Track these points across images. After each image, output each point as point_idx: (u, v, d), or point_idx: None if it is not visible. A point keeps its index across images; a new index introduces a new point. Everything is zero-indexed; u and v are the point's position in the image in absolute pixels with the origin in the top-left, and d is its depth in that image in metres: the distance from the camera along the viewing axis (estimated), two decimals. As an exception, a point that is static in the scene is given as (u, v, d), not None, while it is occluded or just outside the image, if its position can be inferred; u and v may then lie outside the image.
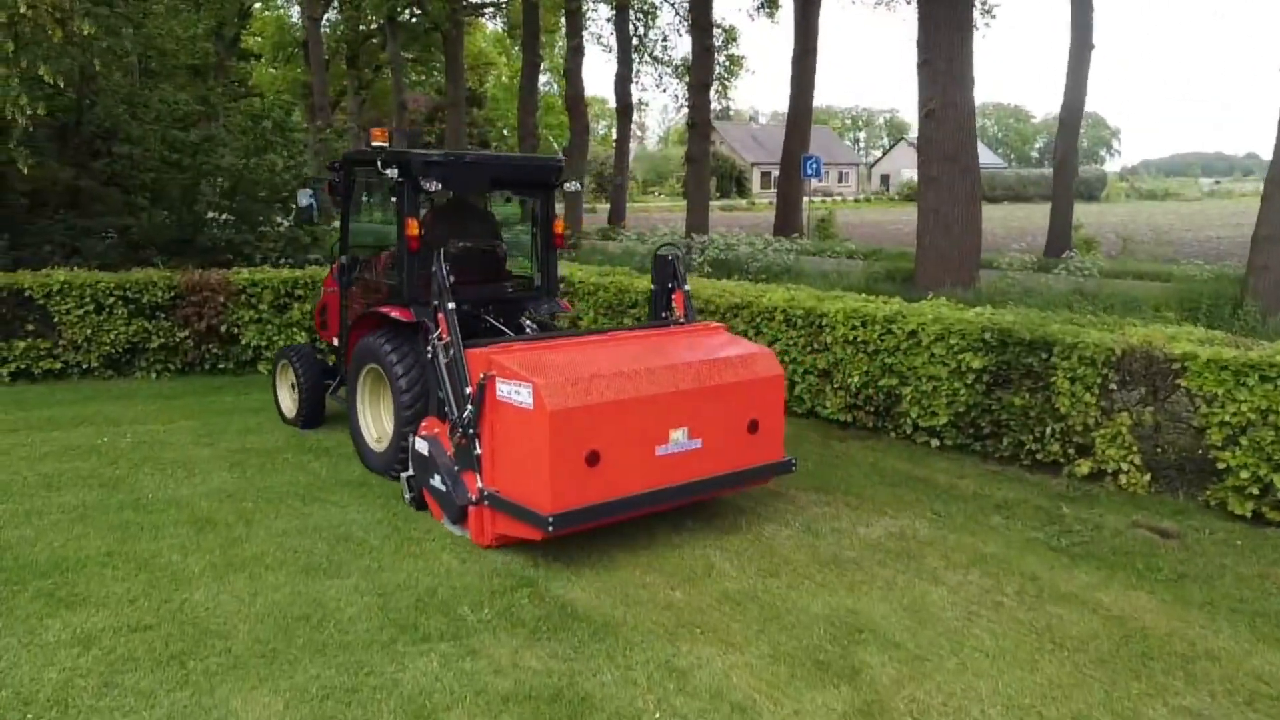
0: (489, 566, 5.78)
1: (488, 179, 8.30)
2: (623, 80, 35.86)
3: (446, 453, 6.28)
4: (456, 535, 6.21)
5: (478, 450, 5.98)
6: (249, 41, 46.69)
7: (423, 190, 7.25)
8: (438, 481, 6.29)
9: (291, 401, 9.10)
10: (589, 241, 26.61)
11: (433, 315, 6.50)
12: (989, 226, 16.26)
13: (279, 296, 11.54)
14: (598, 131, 72.78)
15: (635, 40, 37.64)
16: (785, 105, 31.33)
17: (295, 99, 41.44)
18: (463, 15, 37.27)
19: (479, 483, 5.97)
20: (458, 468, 6.17)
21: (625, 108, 37.76)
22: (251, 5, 41.86)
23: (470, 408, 5.98)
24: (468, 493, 6.03)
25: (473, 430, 5.99)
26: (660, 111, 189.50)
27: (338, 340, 8.85)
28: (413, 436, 6.67)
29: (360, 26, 45.87)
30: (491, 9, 45.21)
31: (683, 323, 7.34)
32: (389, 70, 45.38)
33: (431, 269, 6.57)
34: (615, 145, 42.66)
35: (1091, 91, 24.16)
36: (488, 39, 56.99)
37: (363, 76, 50.79)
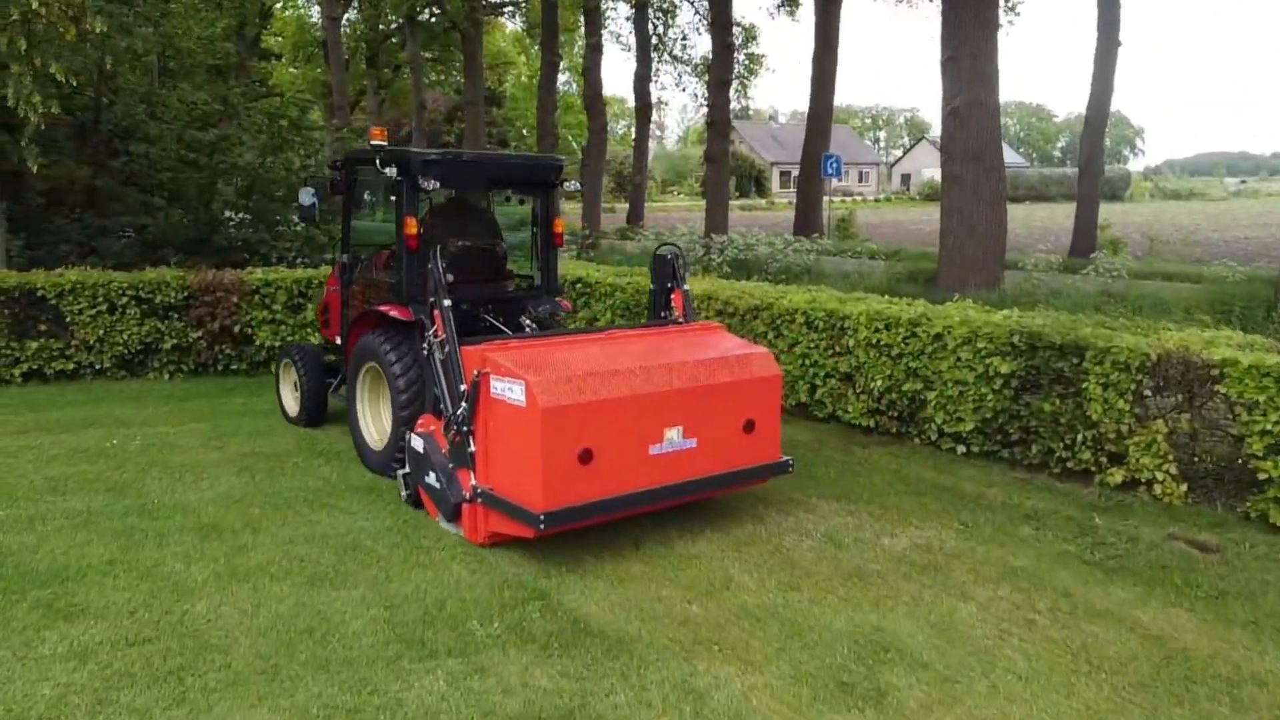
0: (500, 577, 5.59)
1: (486, 178, 8.35)
2: (642, 79, 35.74)
3: (441, 450, 6.26)
4: (469, 544, 6.03)
5: (472, 448, 5.95)
6: (270, 41, 46.81)
7: (421, 189, 7.25)
8: (433, 479, 6.26)
9: (294, 400, 9.12)
10: (607, 241, 26.44)
11: (429, 313, 6.49)
12: (1010, 226, 15.97)
13: (293, 297, 11.41)
14: (617, 131, 72.63)
15: (654, 39, 37.56)
16: (805, 104, 31.07)
17: (315, 99, 41.58)
18: (481, 14, 37.16)
19: (473, 480, 5.94)
20: (452, 465, 6.13)
21: (644, 107, 37.67)
22: (273, 5, 41.93)
23: (464, 405, 5.95)
24: (462, 490, 5.99)
25: (467, 428, 5.96)
26: (679, 111, 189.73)
27: (340, 339, 8.85)
28: (409, 434, 6.65)
29: (380, 26, 45.87)
30: (510, 8, 45.13)
31: (681, 322, 7.30)
32: (408, 70, 45.40)
33: (429, 267, 6.57)
34: (634, 144, 42.58)
35: (1115, 90, 23.74)
36: (507, 38, 56.92)
37: (382, 76, 50.81)
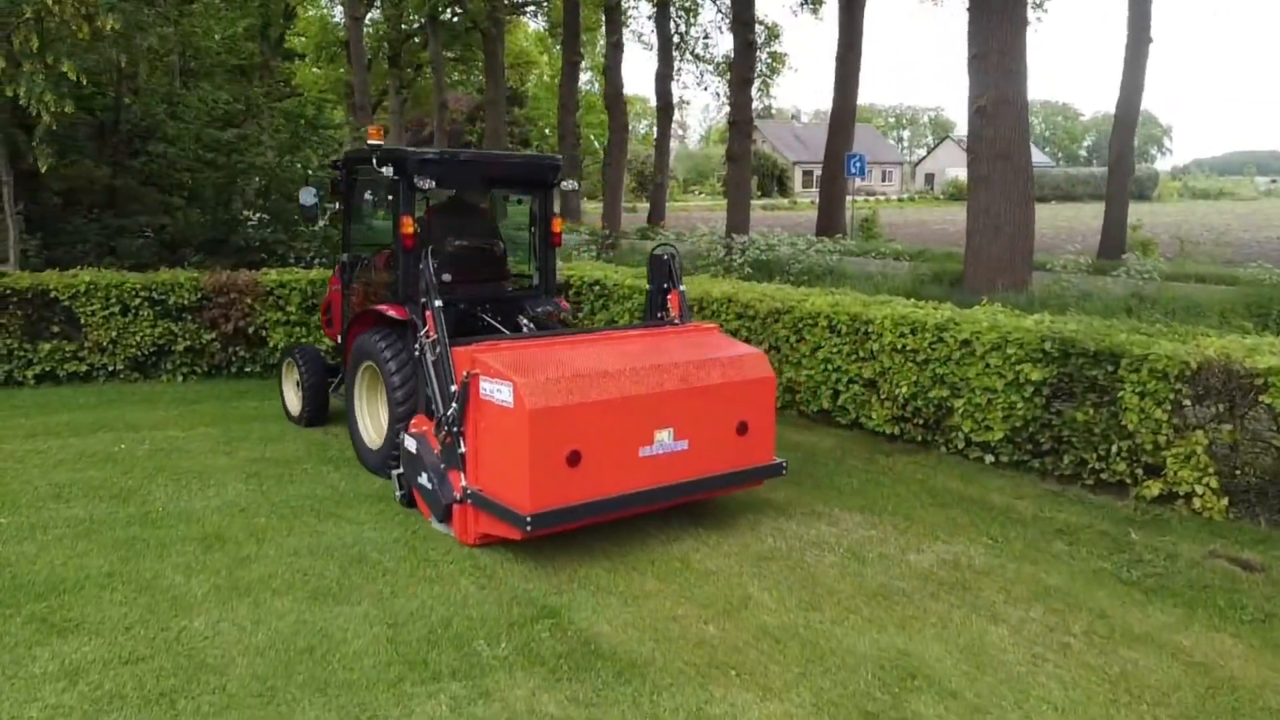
0: (509, 593, 5.38)
1: (484, 177, 8.35)
2: (663, 78, 35.53)
3: (433, 450, 6.22)
4: (478, 557, 5.84)
5: (462, 448, 5.93)
6: (293, 42, 46.87)
7: (417, 188, 7.25)
8: (425, 479, 6.22)
9: (297, 399, 9.13)
10: (627, 241, 26.23)
11: (421, 313, 6.47)
12: (1036, 227, 15.63)
13: (307, 298, 11.25)
14: (638, 131, 72.41)
15: (676, 38, 37.32)
16: (827, 104, 30.74)
17: (338, 99, 41.61)
18: (503, 14, 37.08)
19: (463, 481, 5.91)
20: (444, 465, 6.09)
21: (666, 106, 37.46)
22: (296, 5, 41.97)
23: (455, 405, 5.92)
24: (453, 491, 5.95)
25: (457, 428, 5.93)
26: (701, 111, 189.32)
27: (341, 338, 8.83)
28: (403, 434, 6.60)
29: (402, 26, 45.84)
30: (532, 7, 45.02)
31: (676, 323, 7.23)
32: (430, 70, 45.31)
33: (420, 267, 6.57)
34: (656, 144, 42.32)
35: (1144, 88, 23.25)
36: (529, 38, 56.85)
37: (404, 76, 50.77)
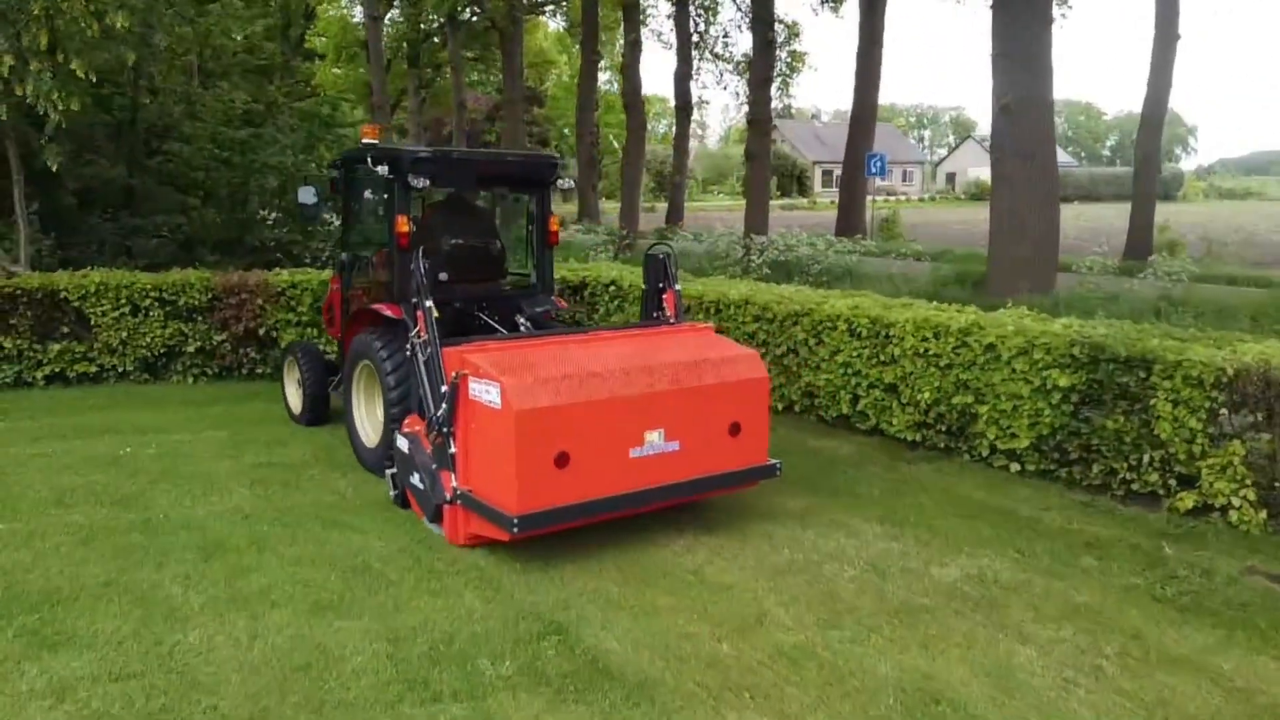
0: (515, 608, 5.19)
1: (480, 176, 8.32)
2: (683, 78, 35.30)
3: (425, 451, 6.21)
4: (484, 569, 5.67)
5: (452, 449, 5.91)
6: (313, 42, 46.95)
7: (412, 187, 7.22)
8: (417, 479, 6.24)
9: (298, 398, 9.08)
10: (645, 241, 26.01)
11: (412, 312, 6.46)
12: (1060, 227, 15.32)
13: (319, 299, 11.12)
14: (657, 130, 72.20)
15: (695, 37, 37.05)
16: (848, 103, 30.46)
17: (358, 99, 41.61)
18: (520, 13, 36.94)
19: (454, 481, 5.90)
20: (435, 466, 6.08)
21: (685, 105, 37.24)
22: (316, 5, 42.00)
23: (445, 406, 5.92)
24: (444, 491, 5.93)
25: (447, 429, 5.91)
26: (721, 110, 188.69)
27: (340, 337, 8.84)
28: (396, 433, 6.59)
29: (421, 25, 45.84)
30: (551, 6, 44.90)
31: (671, 323, 7.17)
32: (449, 69, 45.26)
33: (411, 267, 6.53)
34: (675, 143, 42.11)
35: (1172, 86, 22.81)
36: (548, 37, 56.78)
37: (423, 76, 50.76)
